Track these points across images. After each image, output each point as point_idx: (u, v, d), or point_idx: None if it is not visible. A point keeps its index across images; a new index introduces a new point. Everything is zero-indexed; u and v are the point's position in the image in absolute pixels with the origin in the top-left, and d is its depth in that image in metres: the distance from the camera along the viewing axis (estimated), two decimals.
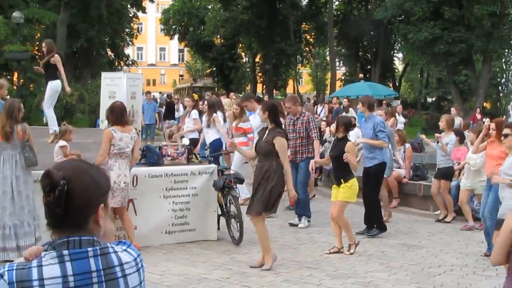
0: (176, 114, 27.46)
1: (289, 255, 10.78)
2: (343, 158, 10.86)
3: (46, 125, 16.27)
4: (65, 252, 2.64)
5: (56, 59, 14.89)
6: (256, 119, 14.57)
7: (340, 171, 11.27)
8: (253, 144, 14.16)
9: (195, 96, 24.42)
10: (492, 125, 11.41)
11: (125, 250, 2.80)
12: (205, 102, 17.47)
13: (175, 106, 28.56)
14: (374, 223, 12.99)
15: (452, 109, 25.53)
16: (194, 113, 17.60)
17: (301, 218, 13.66)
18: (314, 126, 13.85)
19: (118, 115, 10.31)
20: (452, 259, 11.25)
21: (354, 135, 20.79)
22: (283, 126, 11.39)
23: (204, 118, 16.50)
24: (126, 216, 10.49)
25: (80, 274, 2.62)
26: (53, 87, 15.30)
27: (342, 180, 11.10)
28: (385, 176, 13.86)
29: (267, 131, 10.23)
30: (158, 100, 29.14)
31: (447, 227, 14.12)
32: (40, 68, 15.63)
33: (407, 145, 17.26)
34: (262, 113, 10.27)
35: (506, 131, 9.46)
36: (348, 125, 11.59)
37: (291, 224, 13.59)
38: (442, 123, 14.79)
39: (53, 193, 2.64)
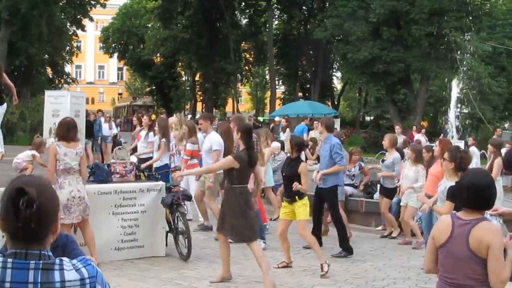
0: (108, 132, 27.25)
1: (236, 270, 10.95)
2: (292, 187, 10.96)
3: None
4: (10, 260, 2.84)
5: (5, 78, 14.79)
6: (206, 143, 14.44)
7: (292, 190, 11.27)
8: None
9: (153, 116, 24.29)
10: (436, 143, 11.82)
11: (76, 269, 2.96)
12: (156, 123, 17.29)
13: (108, 124, 28.22)
14: (342, 246, 12.96)
15: (397, 127, 26.00)
16: (151, 136, 17.29)
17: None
18: (257, 150, 13.79)
19: (64, 130, 10.30)
20: (395, 272, 11.61)
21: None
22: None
23: (156, 140, 16.36)
24: (88, 230, 10.49)
25: (16, 283, 2.83)
26: (1, 111, 15.11)
27: (296, 197, 11.16)
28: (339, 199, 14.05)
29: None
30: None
31: (388, 242, 14.51)
32: None
33: (362, 164, 17.57)
34: (236, 134, 10.46)
35: (445, 155, 9.89)
36: (301, 145, 11.78)
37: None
38: (385, 142, 14.97)
39: (30, 208, 2.83)
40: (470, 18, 41.62)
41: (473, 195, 5.04)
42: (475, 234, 4.90)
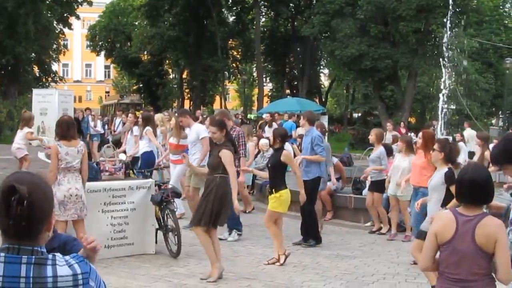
0: (92, 131, 27.15)
1: (226, 267, 10.95)
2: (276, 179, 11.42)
3: None
4: (2, 254, 2.89)
5: None
6: (191, 135, 14.59)
7: (273, 180, 11.60)
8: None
9: (137, 113, 24.46)
10: (419, 135, 11.94)
11: (69, 264, 2.99)
12: (140, 116, 17.52)
13: (93, 123, 28.09)
14: (311, 235, 13.33)
15: (388, 124, 26.11)
16: (135, 129, 17.40)
17: (231, 232, 13.72)
18: (243, 143, 14.16)
19: (64, 129, 10.19)
20: (384, 268, 11.63)
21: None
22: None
23: (138, 130, 16.62)
24: (83, 230, 10.29)
25: (9, 277, 2.87)
26: None
27: (273, 189, 11.44)
28: (320, 189, 14.14)
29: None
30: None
31: (378, 238, 14.53)
32: None
33: (335, 160, 17.55)
34: (220, 132, 10.50)
35: (435, 146, 9.89)
36: (284, 136, 11.98)
37: (220, 239, 13.35)
38: (371, 137, 14.96)
39: (20, 206, 2.85)
40: (457, 10, 41.53)
41: (475, 191, 5.06)
42: (481, 229, 4.93)
